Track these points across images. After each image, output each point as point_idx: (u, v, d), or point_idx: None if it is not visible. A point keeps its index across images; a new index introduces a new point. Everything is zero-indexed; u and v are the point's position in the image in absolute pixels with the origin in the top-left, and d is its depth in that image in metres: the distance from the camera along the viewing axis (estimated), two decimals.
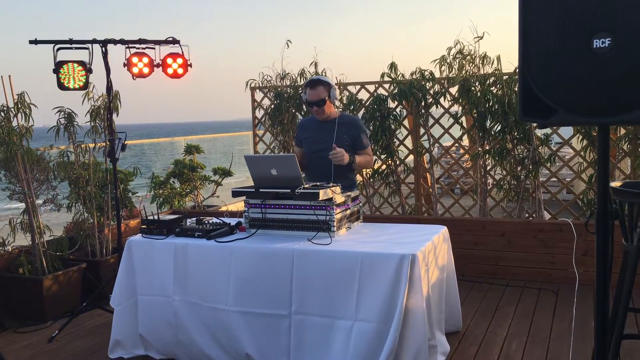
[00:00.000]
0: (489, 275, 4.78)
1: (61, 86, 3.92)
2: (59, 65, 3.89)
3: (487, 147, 5.20)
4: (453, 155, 6.16)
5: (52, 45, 3.85)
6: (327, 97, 3.62)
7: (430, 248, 3.00)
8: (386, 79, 5.45)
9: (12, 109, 4.17)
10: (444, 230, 3.32)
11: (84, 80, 3.95)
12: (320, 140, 3.70)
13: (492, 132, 5.11)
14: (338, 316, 2.78)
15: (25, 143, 4.27)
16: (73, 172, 4.71)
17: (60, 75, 3.91)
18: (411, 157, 5.73)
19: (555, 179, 5.33)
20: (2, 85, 4.14)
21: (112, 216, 4.85)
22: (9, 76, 4.15)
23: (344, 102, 5.68)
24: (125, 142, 4.10)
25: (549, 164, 5.01)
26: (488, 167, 5.35)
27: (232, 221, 3.45)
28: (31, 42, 3.85)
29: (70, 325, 3.99)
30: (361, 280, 2.74)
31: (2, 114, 4.11)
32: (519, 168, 5.09)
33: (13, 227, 4.37)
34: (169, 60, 4.08)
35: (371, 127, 5.44)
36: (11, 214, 4.79)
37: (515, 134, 4.99)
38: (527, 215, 5.18)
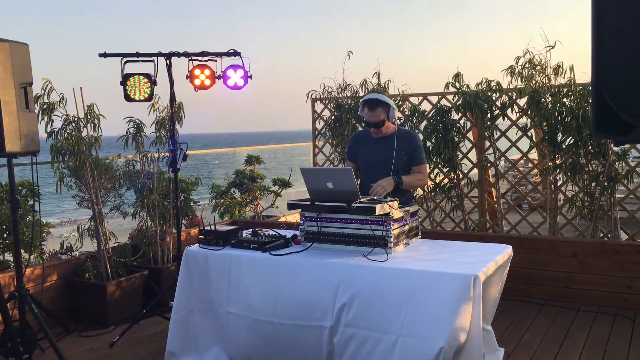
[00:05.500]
0: (558, 298, 4.50)
1: (127, 98, 4.05)
2: (125, 78, 4.01)
3: (558, 162, 4.92)
4: (521, 169, 5.87)
5: (120, 58, 3.99)
6: (385, 118, 3.51)
7: (493, 268, 2.83)
8: (450, 89, 5.28)
9: (82, 120, 4.35)
10: (508, 249, 3.13)
11: (148, 92, 4.05)
12: (376, 156, 3.60)
13: (564, 146, 4.83)
14: (383, 331, 2.67)
15: (94, 152, 4.43)
16: (138, 181, 4.85)
17: (127, 87, 4.04)
18: (475, 170, 5.51)
19: (633, 197, 4.96)
20: (74, 97, 4.33)
21: (174, 224, 4.94)
22: (80, 88, 4.33)
23: (406, 113, 5.55)
24: (187, 153, 4.17)
25: (626, 180, 4.66)
26: (559, 183, 5.05)
27: (288, 233, 3.41)
28: (100, 55, 4.00)
29: (130, 331, 4.09)
30: (418, 299, 2.62)
31: (72, 124, 4.30)
32: (593, 184, 4.77)
33: (81, 234, 4.55)
34: (230, 72, 4.12)
35: (433, 140, 5.29)
36: (81, 220, 5.00)
37: (590, 148, 4.69)
38: (601, 235, 4.85)
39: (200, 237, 3.36)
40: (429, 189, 5.52)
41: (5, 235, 4.32)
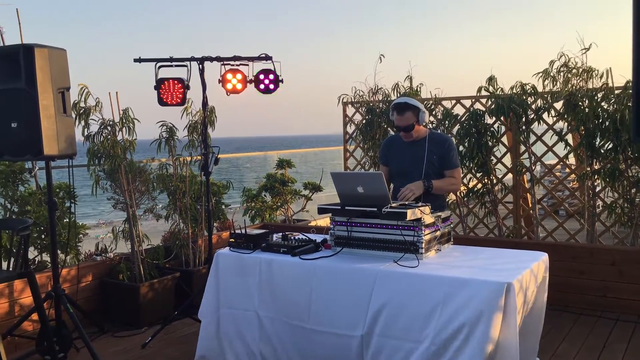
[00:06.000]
0: (596, 308, 4.35)
1: (161, 102, 4.12)
2: (159, 83, 4.08)
3: (597, 167, 4.78)
4: (557, 174, 5.73)
5: (154, 63, 4.05)
6: (415, 122, 3.47)
7: (529, 277, 2.76)
8: (483, 93, 5.20)
9: (118, 124, 4.44)
10: (544, 257, 3.05)
11: (182, 96, 4.11)
12: (409, 160, 3.56)
13: (602, 151, 4.69)
14: (416, 340, 2.63)
15: (129, 156, 4.51)
16: (171, 184, 4.92)
17: (161, 92, 4.10)
18: (509, 175, 5.40)
19: None
20: (110, 101, 4.42)
21: (206, 227, 4.99)
22: (116, 92, 4.42)
23: (439, 117, 5.49)
24: (218, 156, 4.21)
25: None
26: (597, 189, 4.91)
27: (318, 238, 3.40)
28: (135, 60, 4.07)
29: (162, 332, 4.14)
30: (447, 307, 2.56)
31: (108, 128, 4.39)
32: (633, 190, 4.62)
33: (115, 235, 4.63)
34: (261, 77, 4.15)
35: (466, 144, 5.21)
36: (116, 222, 5.10)
37: (630, 153, 4.54)
38: None
39: (230, 240, 3.38)
40: (462, 194, 5.43)
41: (43, 236, 4.43)
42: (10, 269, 3.60)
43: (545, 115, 5.02)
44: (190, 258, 4.94)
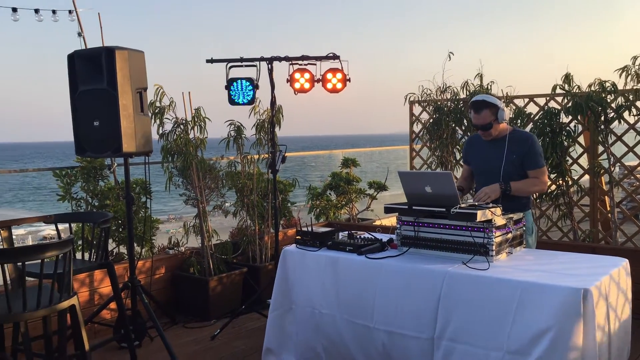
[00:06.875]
0: None
1: (231, 101, 4.22)
2: (230, 82, 4.18)
3: None
4: (638, 176, 5.40)
5: (225, 63, 4.16)
6: (493, 120, 3.34)
7: (608, 283, 2.61)
8: (559, 91, 4.98)
9: (190, 122, 4.59)
10: (624, 263, 2.88)
11: (251, 96, 4.20)
12: (488, 159, 3.45)
13: None
14: (488, 347, 2.55)
15: (200, 153, 4.66)
16: (239, 181, 5.04)
17: (231, 92, 4.20)
18: (586, 177, 5.15)
19: None
20: (183, 101, 4.58)
21: (272, 224, 5.07)
22: (189, 92, 4.58)
23: (510, 115, 5.31)
24: (285, 155, 4.26)
25: None
26: None
27: (384, 237, 3.38)
28: (208, 61, 4.20)
29: (230, 325, 4.25)
30: (520, 313, 2.47)
31: (181, 126, 4.55)
32: None
33: (187, 230, 4.80)
34: (329, 76, 4.16)
35: (540, 144, 5.00)
36: (186, 217, 5.27)
37: None
38: None
39: (297, 237, 3.42)
40: (535, 196, 5.23)
41: (120, 229, 4.66)
42: (92, 260, 3.80)
43: (626, 114, 4.75)
44: (256, 254, 5.04)
